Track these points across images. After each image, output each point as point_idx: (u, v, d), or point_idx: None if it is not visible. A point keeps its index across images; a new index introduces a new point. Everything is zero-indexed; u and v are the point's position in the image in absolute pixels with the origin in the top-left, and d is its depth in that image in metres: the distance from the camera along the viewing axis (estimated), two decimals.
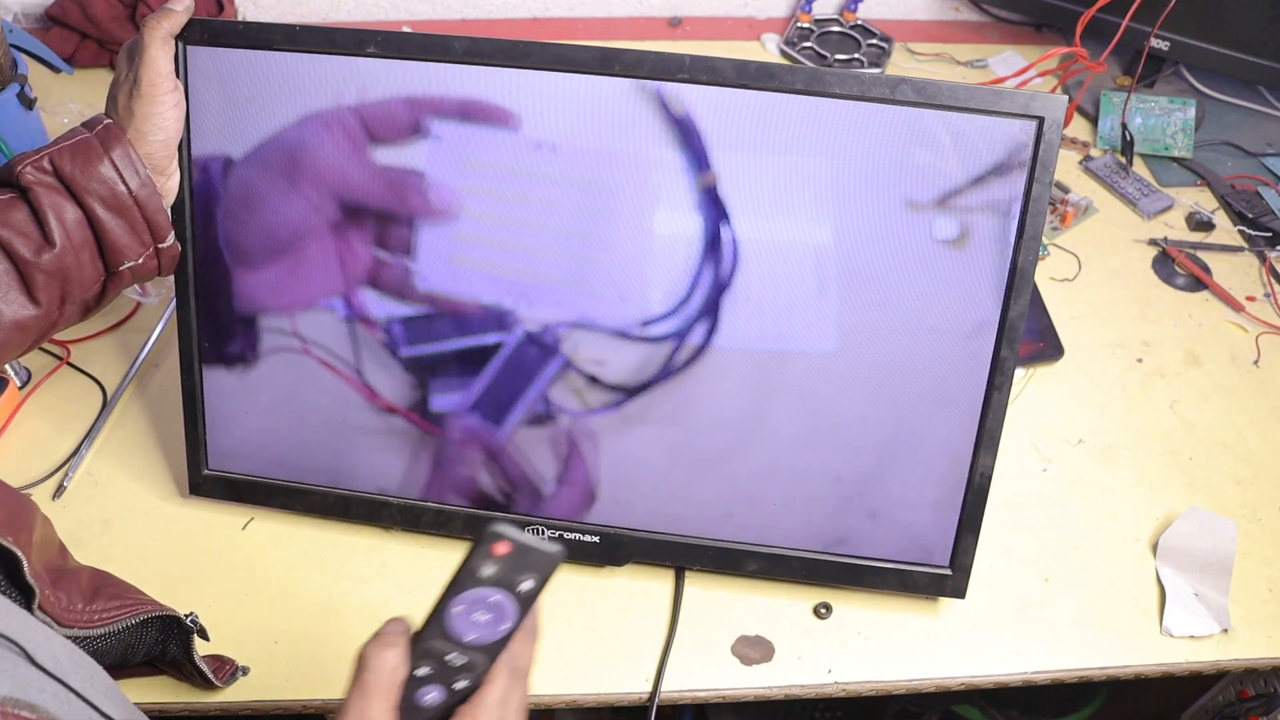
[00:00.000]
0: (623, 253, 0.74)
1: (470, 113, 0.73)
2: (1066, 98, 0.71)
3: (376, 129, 0.73)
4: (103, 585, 0.65)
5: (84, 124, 0.67)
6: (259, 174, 0.75)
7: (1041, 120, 0.69)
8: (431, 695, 0.51)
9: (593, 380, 0.76)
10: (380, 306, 0.77)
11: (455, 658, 0.50)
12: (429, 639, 0.50)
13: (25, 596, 0.58)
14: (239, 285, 0.77)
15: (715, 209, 0.73)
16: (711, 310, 0.74)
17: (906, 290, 0.73)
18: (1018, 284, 0.72)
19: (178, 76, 0.70)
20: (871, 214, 0.72)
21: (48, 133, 0.99)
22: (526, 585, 0.50)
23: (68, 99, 1.14)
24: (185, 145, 0.73)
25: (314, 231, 0.75)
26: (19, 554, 0.57)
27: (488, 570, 0.49)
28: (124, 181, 0.66)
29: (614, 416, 0.77)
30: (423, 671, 0.50)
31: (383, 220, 0.75)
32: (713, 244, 0.73)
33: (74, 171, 0.65)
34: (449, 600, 0.50)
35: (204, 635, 0.71)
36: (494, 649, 0.51)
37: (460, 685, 0.51)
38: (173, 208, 0.72)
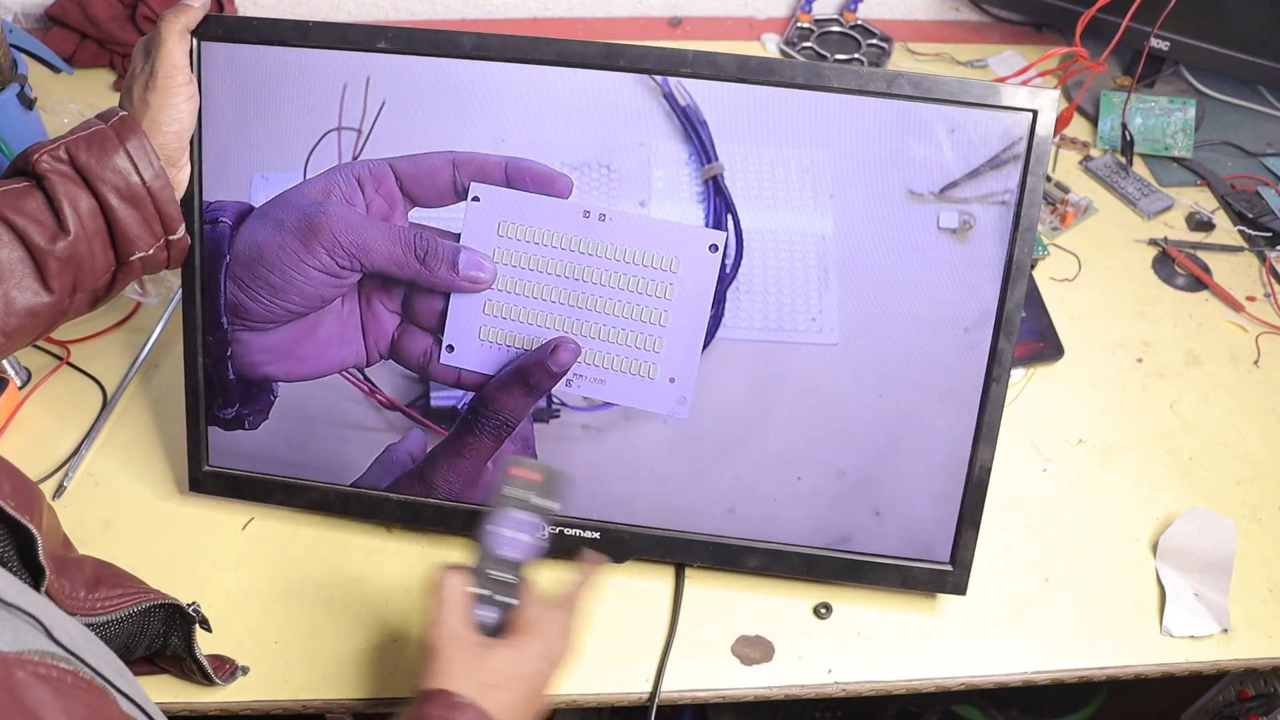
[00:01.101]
0: (682, 363, 0.75)
1: (515, 177, 0.71)
2: (1059, 91, 0.71)
3: (414, 189, 0.72)
4: (105, 575, 0.66)
5: (98, 115, 0.68)
6: (275, 234, 0.73)
7: (1035, 113, 0.70)
8: (488, 615, 0.62)
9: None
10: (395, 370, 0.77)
11: (500, 574, 0.62)
12: (480, 563, 0.62)
13: (34, 578, 0.58)
14: (243, 351, 0.77)
15: (719, 200, 0.73)
16: (716, 302, 0.74)
17: (905, 282, 0.74)
18: (1014, 275, 0.72)
19: (191, 71, 0.71)
20: (871, 206, 0.73)
21: (48, 133, 0.99)
22: (545, 503, 0.63)
23: (68, 99, 1.14)
24: (196, 140, 0.73)
25: (339, 293, 0.74)
26: (36, 533, 0.57)
27: (512, 491, 0.63)
28: (138, 172, 0.66)
29: (615, 412, 0.77)
30: (481, 591, 0.62)
31: (410, 290, 0.74)
32: (718, 228, 0.73)
33: (89, 161, 0.65)
34: (489, 524, 0.62)
35: (206, 626, 0.71)
36: (530, 565, 0.62)
37: (507, 601, 0.62)
38: (182, 201, 0.72)
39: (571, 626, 0.64)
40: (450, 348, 0.75)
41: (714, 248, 0.72)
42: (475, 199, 0.72)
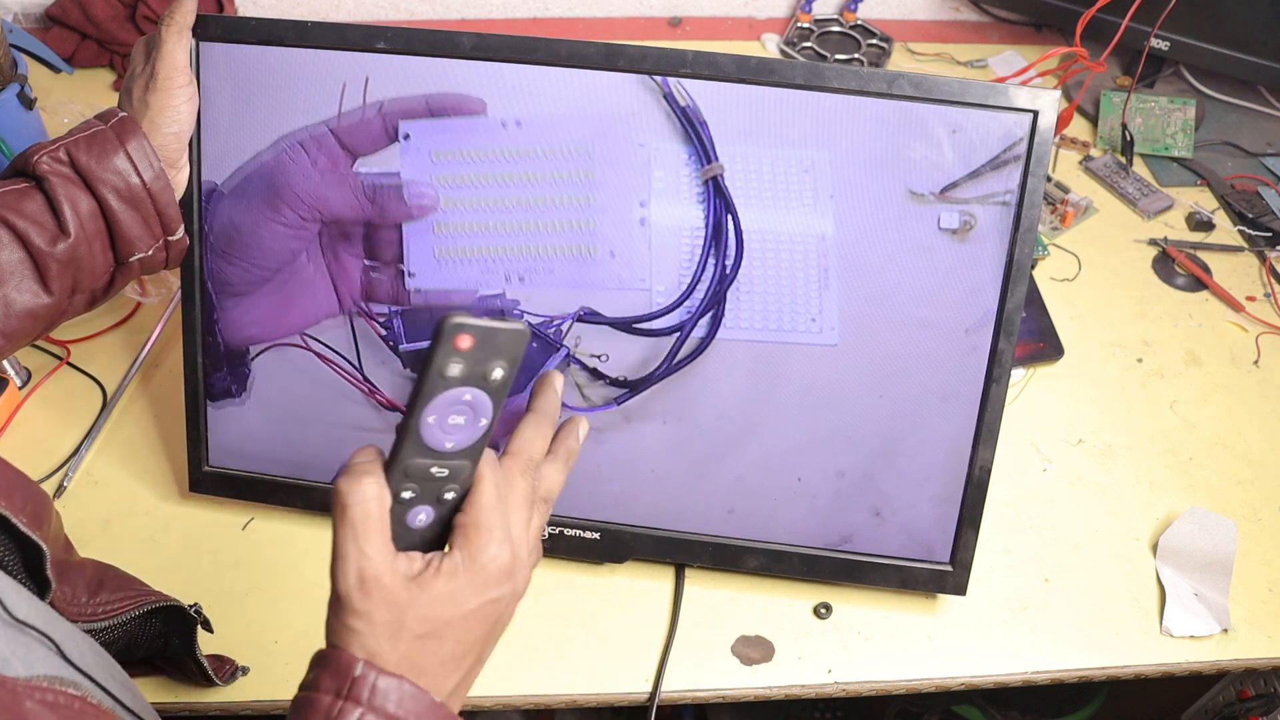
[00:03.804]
0: (619, 237, 0.74)
1: (436, 108, 0.73)
2: (1060, 92, 0.71)
3: (351, 142, 0.74)
4: (106, 578, 0.66)
5: (98, 116, 0.68)
6: (244, 204, 0.75)
7: (1035, 114, 0.70)
8: (421, 515, 0.48)
9: (595, 374, 0.76)
10: (379, 306, 0.77)
11: (438, 470, 0.47)
12: (406, 458, 0.46)
13: (39, 590, 0.58)
14: (229, 318, 0.77)
15: (719, 201, 0.73)
16: (716, 302, 0.74)
17: (906, 282, 0.73)
18: (1014, 276, 0.72)
19: (191, 71, 0.71)
20: (872, 207, 0.73)
21: (47, 133, 0.99)
22: (497, 374, 0.46)
23: (68, 99, 1.14)
24: (196, 140, 0.73)
25: (304, 254, 0.76)
26: (45, 549, 0.57)
27: (455, 369, 0.45)
28: (138, 173, 0.66)
29: (615, 413, 0.77)
30: (407, 494, 0.47)
31: (368, 231, 0.76)
32: (717, 235, 0.73)
33: (89, 162, 0.65)
34: (419, 412, 0.46)
35: (208, 627, 0.71)
36: (476, 449, 0.47)
37: (449, 495, 0.48)
38: (181, 202, 0.72)
39: (541, 500, 0.50)
40: (411, 274, 0.76)
41: (625, 125, 0.73)
42: (406, 136, 0.74)
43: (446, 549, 0.48)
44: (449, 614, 0.46)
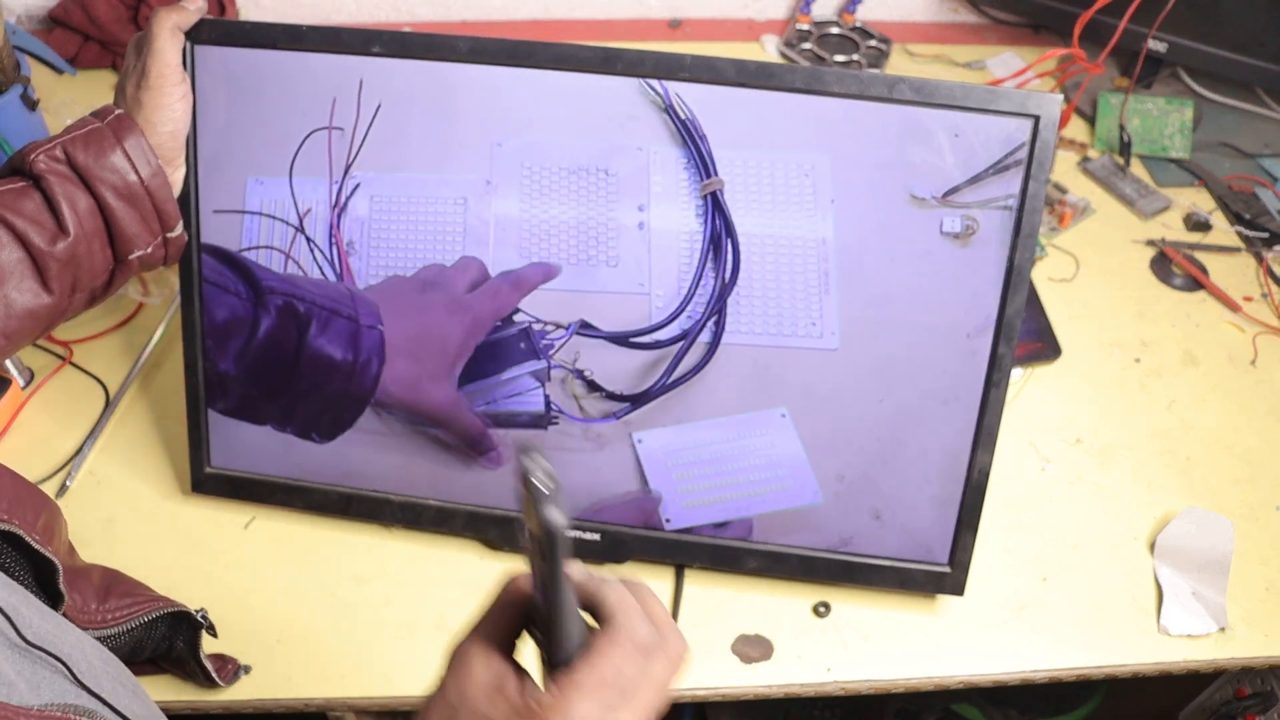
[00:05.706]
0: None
1: None
2: (1061, 96, 0.71)
3: None
4: (114, 584, 0.66)
5: (94, 113, 0.67)
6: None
7: (1037, 118, 0.70)
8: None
9: (593, 387, 0.76)
10: None
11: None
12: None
13: (51, 602, 0.58)
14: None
15: (718, 214, 0.73)
16: (717, 309, 0.75)
17: (907, 287, 0.74)
18: (1014, 281, 0.72)
19: (185, 70, 0.71)
20: (873, 211, 0.73)
21: (50, 134, 0.99)
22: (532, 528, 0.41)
23: (70, 100, 1.14)
24: (191, 141, 0.73)
25: None
26: (59, 564, 0.57)
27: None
28: (136, 171, 0.66)
29: (616, 425, 0.77)
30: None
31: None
32: (715, 248, 0.74)
33: (87, 160, 0.65)
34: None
35: (212, 632, 0.71)
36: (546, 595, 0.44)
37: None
38: (178, 199, 0.72)
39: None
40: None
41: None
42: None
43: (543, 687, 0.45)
44: None
